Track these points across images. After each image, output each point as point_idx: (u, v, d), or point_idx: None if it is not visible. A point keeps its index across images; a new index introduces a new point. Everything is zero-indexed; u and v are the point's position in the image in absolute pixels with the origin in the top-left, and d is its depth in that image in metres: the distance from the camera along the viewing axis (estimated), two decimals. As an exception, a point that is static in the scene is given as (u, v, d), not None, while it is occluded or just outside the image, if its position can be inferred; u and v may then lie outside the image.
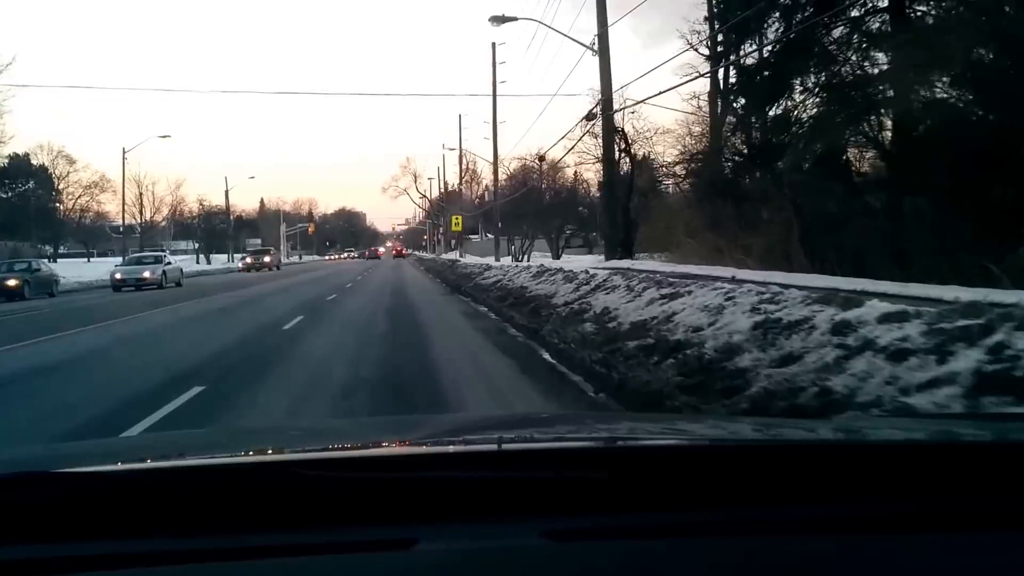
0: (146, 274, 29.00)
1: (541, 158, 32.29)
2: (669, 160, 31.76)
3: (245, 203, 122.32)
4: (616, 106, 22.52)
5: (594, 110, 21.74)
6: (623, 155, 25.47)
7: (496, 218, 41.65)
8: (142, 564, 1.01)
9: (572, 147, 32.53)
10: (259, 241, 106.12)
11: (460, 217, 46.43)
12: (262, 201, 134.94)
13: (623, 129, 25.82)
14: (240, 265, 43.96)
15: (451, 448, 1.62)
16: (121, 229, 52.38)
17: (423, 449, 1.62)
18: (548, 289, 13.06)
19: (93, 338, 12.06)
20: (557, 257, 46.33)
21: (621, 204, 23.06)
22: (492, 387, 6.89)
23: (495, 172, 41.91)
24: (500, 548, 1.03)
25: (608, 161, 23.22)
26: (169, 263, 32.04)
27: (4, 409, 6.62)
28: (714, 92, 24.93)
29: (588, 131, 25.62)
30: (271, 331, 11.92)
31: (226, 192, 70.07)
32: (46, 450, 2.33)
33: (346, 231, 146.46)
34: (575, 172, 47.06)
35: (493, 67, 39.15)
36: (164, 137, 45.97)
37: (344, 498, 1.12)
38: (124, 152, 44.64)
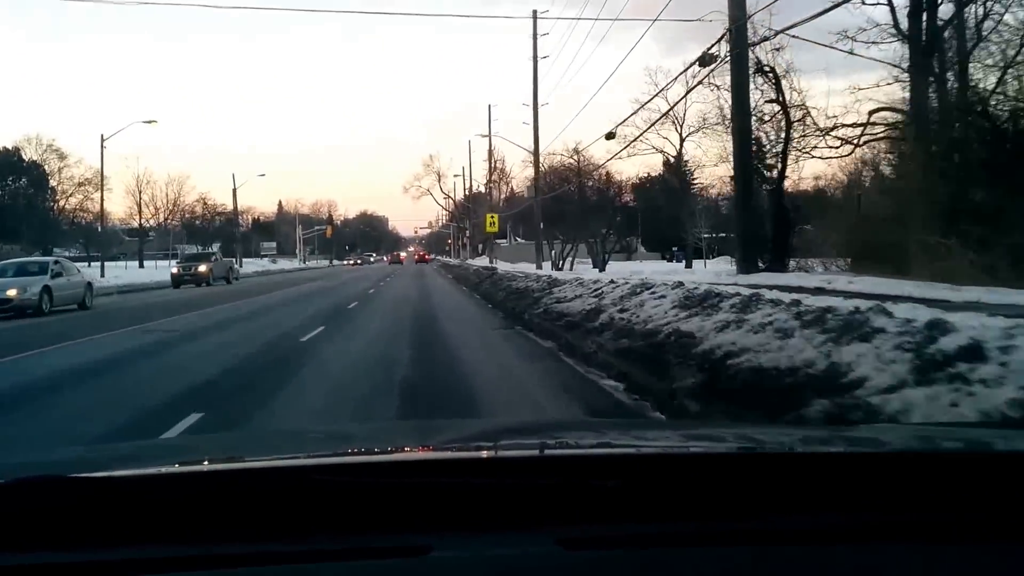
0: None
1: (610, 135, 26.04)
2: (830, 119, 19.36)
3: (264, 206, 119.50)
4: (751, 38, 16.02)
5: (713, 49, 15.06)
6: (779, 113, 18.16)
7: (537, 218, 35.73)
8: (157, 571, 1.00)
9: (684, 94, 26.07)
10: (274, 245, 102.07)
11: (495, 216, 40.27)
12: (280, 204, 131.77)
13: (773, 69, 17.92)
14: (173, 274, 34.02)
15: (465, 455, 1.57)
16: (99, 228, 46.79)
17: (437, 455, 1.59)
18: (744, 339, 6.06)
19: None
20: (602, 266, 40.47)
21: (774, 189, 16.85)
22: None
23: (536, 162, 35.84)
24: (514, 556, 1.02)
25: (741, 120, 16.27)
26: (59, 274, 19.87)
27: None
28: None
29: (705, 81, 18.39)
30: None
31: (233, 191, 64.21)
32: (64, 454, 2.36)
33: (366, 235, 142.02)
34: (606, 173, 41.18)
35: (534, 39, 33.53)
36: (149, 123, 39.78)
37: (359, 503, 1.11)
38: (103, 140, 38.81)
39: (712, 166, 35.42)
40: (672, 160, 41.60)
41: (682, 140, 40.57)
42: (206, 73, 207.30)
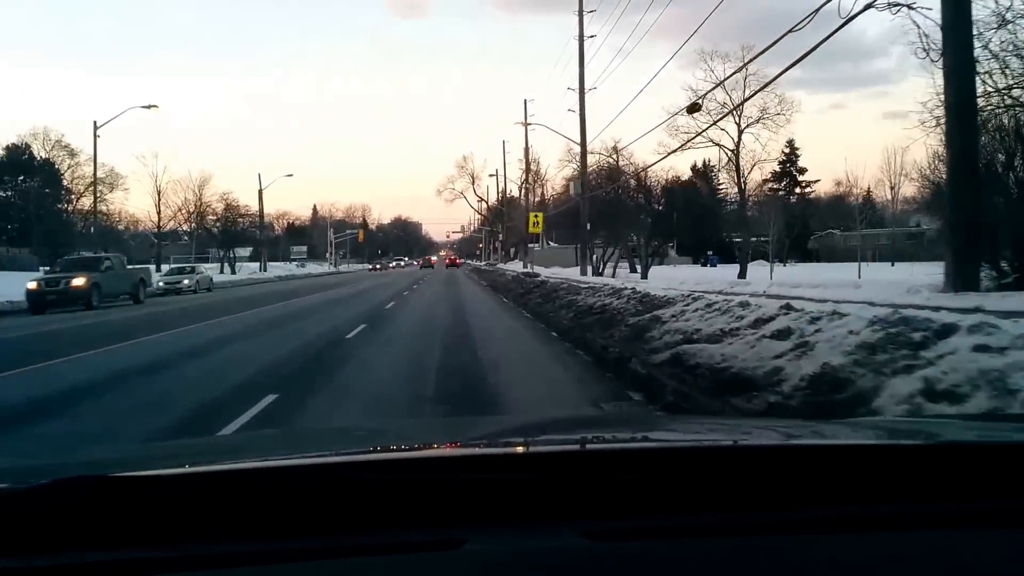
0: None
1: (694, 107, 21.62)
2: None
3: (299, 210, 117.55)
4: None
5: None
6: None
7: (583, 217, 31.74)
8: (195, 568, 1.02)
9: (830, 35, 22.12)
10: (304, 249, 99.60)
11: (539, 216, 36.10)
12: (315, 208, 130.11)
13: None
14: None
15: (496, 451, 1.61)
16: (83, 229, 43.67)
17: (469, 451, 1.61)
18: None
19: None
20: (644, 271, 36.53)
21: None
22: None
23: (583, 151, 31.92)
24: (545, 549, 1.05)
25: (960, 56, 10.54)
26: None
27: None
28: None
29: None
30: None
31: (259, 191, 61.27)
32: (102, 452, 2.56)
33: (399, 240, 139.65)
34: (644, 174, 36.86)
35: (580, 16, 29.81)
36: (149, 107, 34.93)
37: (394, 500, 1.13)
38: (96, 127, 35.34)
39: (771, 160, 31.13)
40: (730, 153, 37.03)
41: (740, 132, 36.21)
42: (240, 77, 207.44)
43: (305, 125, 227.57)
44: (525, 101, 56.64)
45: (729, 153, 35.27)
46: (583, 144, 31.40)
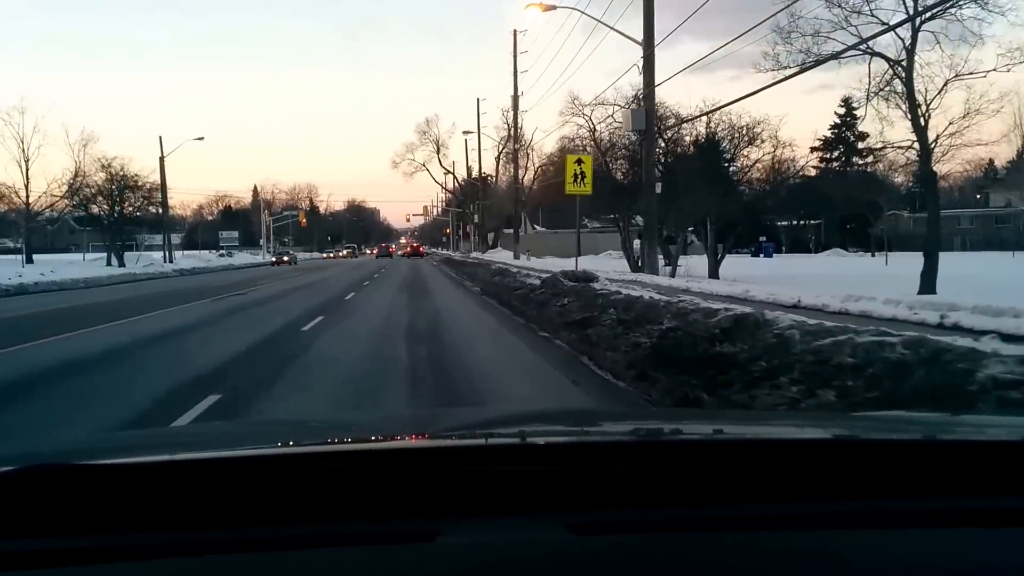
0: None
1: None
2: None
3: (242, 193, 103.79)
4: None
5: None
6: None
7: (647, 168, 18.55)
8: (161, 555, 1.01)
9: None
10: (236, 235, 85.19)
11: (588, 159, 20.12)
12: (255, 189, 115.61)
13: None
14: None
15: (474, 441, 1.54)
16: None
17: (446, 442, 1.58)
18: None
19: None
20: (714, 267, 23.64)
21: None
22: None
23: (649, 59, 18.33)
24: (524, 541, 1.03)
25: None
26: None
27: None
28: None
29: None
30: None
31: (161, 159, 46.03)
32: (72, 443, 2.41)
33: (353, 226, 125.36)
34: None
35: None
36: None
37: (367, 491, 1.11)
38: None
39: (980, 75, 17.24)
40: (896, 69, 22.85)
41: (916, 30, 21.71)
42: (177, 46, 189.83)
43: (251, 100, 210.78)
44: (515, 31, 42.97)
45: (896, 68, 19.55)
46: (649, 37, 17.97)
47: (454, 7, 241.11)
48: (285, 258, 58.69)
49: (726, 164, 25.21)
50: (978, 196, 65.49)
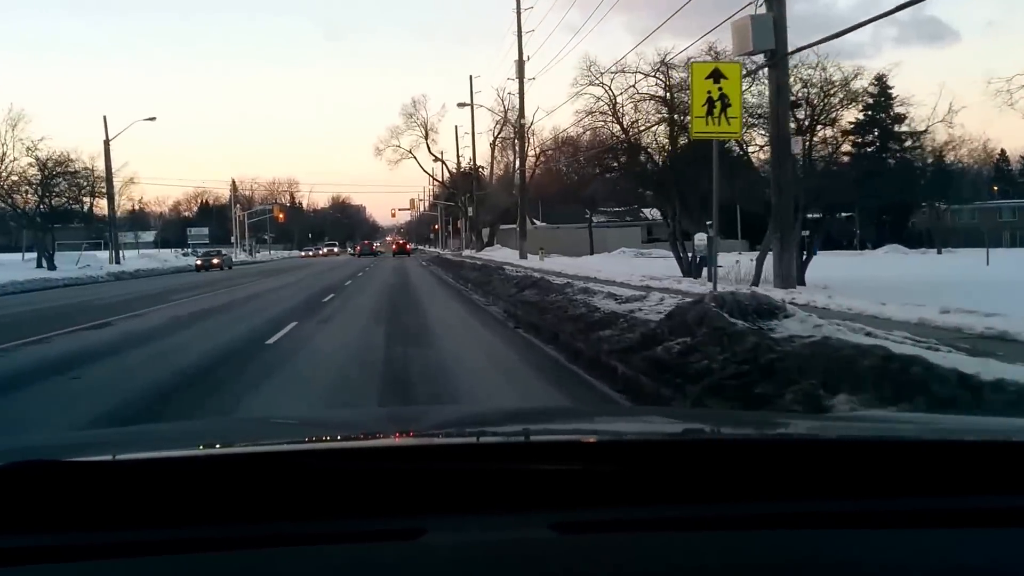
0: None
1: None
2: None
3: (220, 189, 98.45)
4: None
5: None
6: None
7: (780, 121, 12.97)
8: (147, 553, 1.00)
9: None
10: (205, 232, 79.10)
11: (736, 69, 13.22)
12: (233, 184, 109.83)
13: None
14: None
15: (459, 440, 1.55)
16: None
17: (431, 440, 1.58)
18: None
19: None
20: (801, 270, 18.24)
21: None
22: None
23: None
24: (508, 540, 1.03)
25: None
26: None
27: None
28: None
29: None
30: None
31: (105, 142, 40.14)
32: (58, 439, 2.34)
33: (337, 223, 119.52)
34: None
35: None
36: None
37: (352, 489, 1.11)
38: None
39: None
40: None
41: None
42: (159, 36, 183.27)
43: (230, 93, 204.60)
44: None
45: None
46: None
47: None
48: (215, 260, 44.85)
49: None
50: (995, 188, 60.86)
